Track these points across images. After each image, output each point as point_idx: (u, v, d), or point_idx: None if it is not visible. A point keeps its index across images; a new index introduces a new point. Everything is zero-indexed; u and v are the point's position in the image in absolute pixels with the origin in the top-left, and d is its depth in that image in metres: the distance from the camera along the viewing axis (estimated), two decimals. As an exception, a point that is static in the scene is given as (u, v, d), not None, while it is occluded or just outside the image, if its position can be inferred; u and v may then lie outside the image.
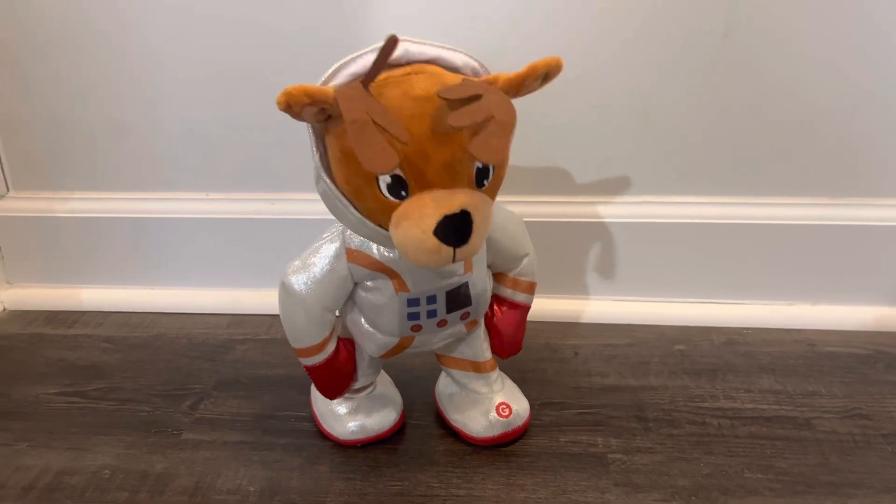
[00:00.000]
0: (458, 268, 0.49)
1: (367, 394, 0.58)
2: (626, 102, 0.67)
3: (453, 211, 0.41)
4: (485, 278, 0.53)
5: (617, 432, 0.59)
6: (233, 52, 0.68)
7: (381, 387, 0.60)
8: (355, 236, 0.48)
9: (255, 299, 0.77)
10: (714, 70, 0.65)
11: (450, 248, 0.41)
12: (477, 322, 0.55)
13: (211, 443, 0.59)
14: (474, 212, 0.41)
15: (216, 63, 0.69)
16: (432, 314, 0.50)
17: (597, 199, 0.72)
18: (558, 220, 0.72)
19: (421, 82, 0.42)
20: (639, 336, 0.72)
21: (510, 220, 0.54)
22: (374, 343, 0.53)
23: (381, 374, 0.60)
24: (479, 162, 0.42)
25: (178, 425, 0.61)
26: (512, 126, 0.41)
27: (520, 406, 0.58)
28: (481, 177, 0.43)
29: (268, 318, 0.76)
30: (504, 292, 0.57)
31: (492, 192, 0.45)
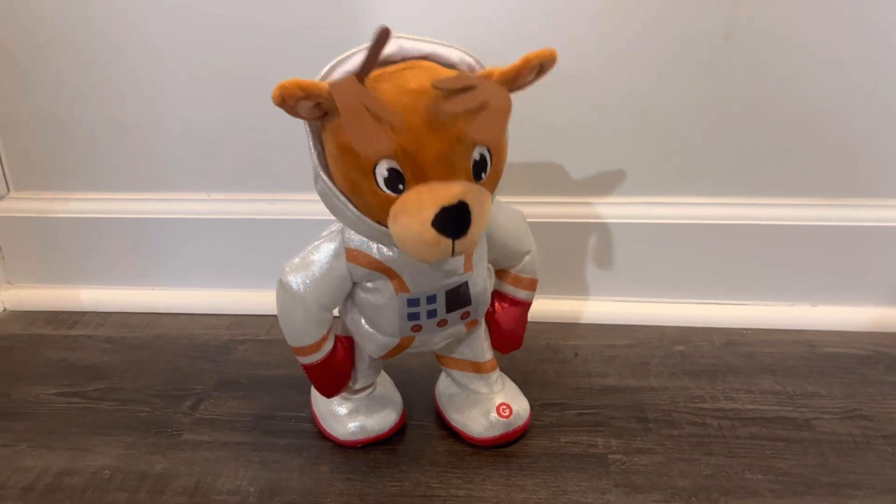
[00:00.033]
0: (458, 267, 0.49)
1: (367, 394, 0.58)
2: (626, 103, 0.67)
3: (451, 202, 0.40)
4: (485, 278, 0.53)
5: (617, 433, 0.59)
6: (233, 52, 0.68)
7: (381, 387, 0.60)
8: (355, 236, 0.48)
9: (256, 300, 0.77)
10: (714, 70, 0.65)
11: (449, 241, 0.41)
12: (477, 322, 0.55)
13: (211, 443, 0.59)
14: (472, 203, 0.41)
15: (216, 63, 0.69)
16: (432, 314, 0.50)
17: (597, 199, 0.72)
18: (558, 220, 0.72)
19: (415, 77, 0.42)
20: (639, 337, 0.72)
21: (512, 217, 0.54)
22: (374, 344, 0.53)
23: (381, 374, 0.60)
24: (476, 143, 0.42)
25: (179, 426, 0.61)
26: (507, 111, 0.40)
27: (520, 406, 0.58)
28: (479, 170, 0.43)
29: (268, 319, 0.76)
30: (506, 288, 0.56)
31: (490, 185, 0.45)
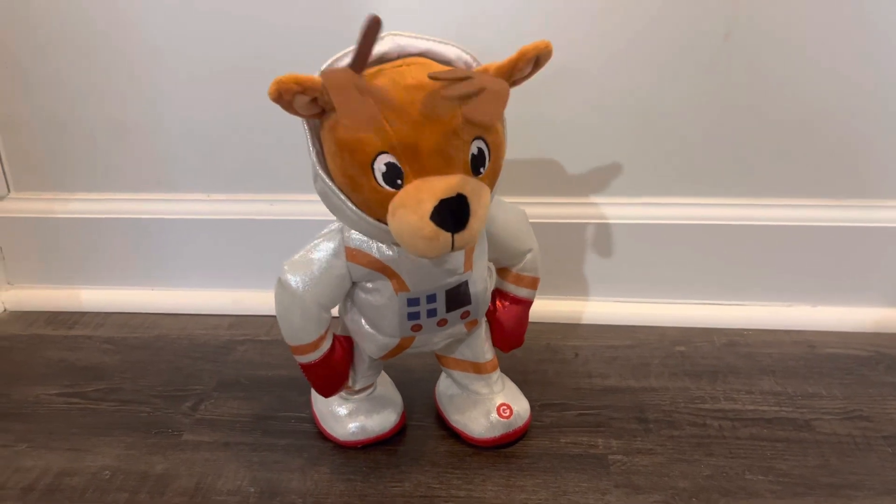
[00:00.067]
0: (458, 266, 0.49)
1: (367, 395, 0.58)
2: (626, 103, 0.67)
3: (449, 195, 0.40)
4: (485, 277, 0.52)
5: (617, 433, 0.59)
6: (234, 51, 0.69)
7: (381, 388, 0.60)
8: (354, 235, 0.48)
9: (256, 300, 0.77)
10: (714, 70, 0.65)
11: (448, 235, 0.41)
12: (477, 322, 0.54)
13: (211, 444, 0.59)
14: (471, 196, 0.41)
15: (216, 63, 0.69)
16: (432, 313, 0.50)
17: (597, 199, 0.72)
18: (558, 220, 0.72)
19: (412, 72, 0.42)
20: (639, 337, 0.72)
21: (512, 216, 0.54)
22: (374, 344, 0.53)
23: (381, 375, 0.60)
24: (474, 126, 0.42)
25: (179, 426, 0.61)
26: (504, 95, 0.40)
27: (520, 407, 0.58)
28: (477, 164, 0.43)
29: (268, 319, 0.76)
30: (507, 287, 0.56)
31: (489, 180, 0.45)
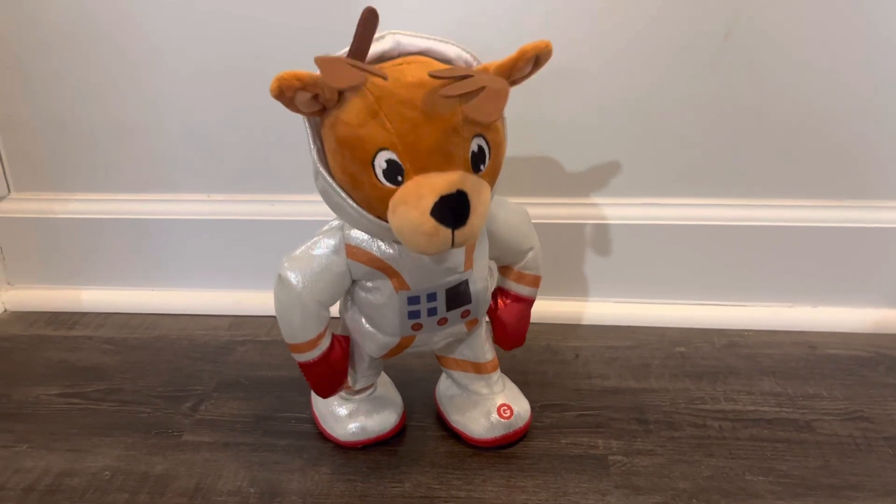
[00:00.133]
0: (459, 265, 0.49)
1: (367, 395, 0.58)
2: (626, 103, 0.67)
3: (449, 191, 0.40)
4: (485, 276, 0.52)
5: (618, 434, 0.58)
6: (234, 51, 0.69)
7: (381, 388, 0.60)
8: (355, 233, 0.48)
9: (256, 301, 0.77)
10: (715, 71, 0.65)
11: (448, 231, 0.41)
12: (477, 321, 0.54)
13: (211, 444, 0.59)
14: (471, 192, 0.41)
15: (217, 63, 0.69)
16: (432, 312, 0.50)
17: (597, 200, 0.72)
18: (559, 221, 0.72)
19: (412, 70, 0.43)
20: (640, 338, 0.72)
21: (514, 214, 0.54)
22: (374, 343, 0.53)
23: (381, 375, 0.60)
24: (474, 125, 0.42)
25: (179, 427, 0.61)
26: (504, 94, 0.41)
27: (521, 407, 0.58)
28: (477, 161, 0.43)
29: (269, 320, 0.76)
30: (509, 285, 0.56)
31: (490, 177, 0.45)
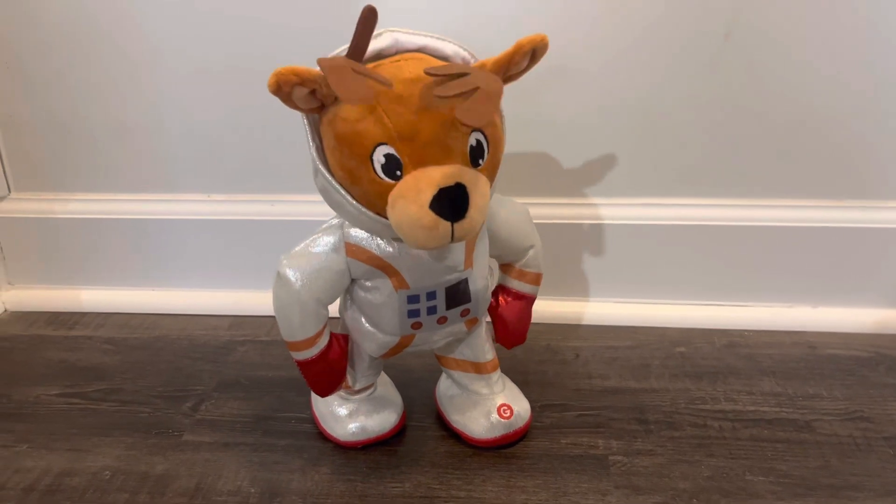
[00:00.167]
0: (459, 263, 0.49)
1: (367, 395, 0.58)
2: (626, 103, 0.67)
3: (448, 183, 0.40)
4: (485, 275, 0.52)
5: (618, 434, 0.58)
6: (234, 51, 0.69)
7: (381, 388, 0.60)
8: (355, 231, 0.48)
9: (256, 300, 0.77)
10: (715, 71, 0.65)
11: (447, 224, 0.41)
12: (477, 320, 0.54)
13: (211, 444, 0.59)
14: (469, 185, 0.41)
15: (217, 63, 0.69)
16: (432, 311, 0.50)
17: (597, 200, 0.72)
18: (559, 221, 0.72)
19: (409, 67, 0.43)
20: (640, 338, 0.72)
21: (514, 212, 0.54)
22: (374, 342, 0.53)
23: (381, 375, 0.60)
24: (467, 126, 0.42)
25: (179, 427, 0.61)
26: (498, 95, 0.41)
27: (521, 407, 0.58)
28: (476, 156, 0.43)
29: (268, 320, 0.76)
30: (510, 283, 0.56)
31: (488, 172, 0.45)
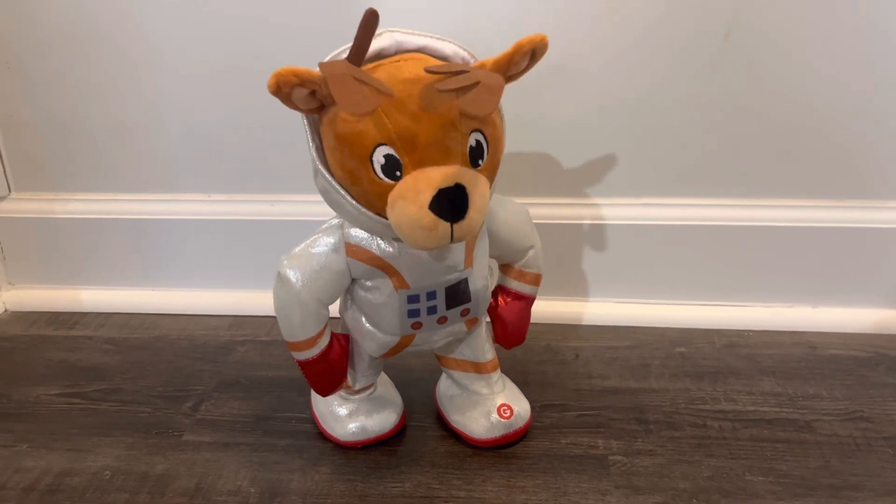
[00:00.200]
0: (458, 263, 0.49)
1: (367, 395, 0.58)
2: (626, 103, 0.67)
3: (447, 184, 0.40)
4: (485, 275, 0.52)
5: (618, 434, 0.58)
6: (234, 51, 0.69)
7: (381, 388, 0.60)
8: (355, 231, 0.48)
9: (256, 301, 0.77)
10: (715, 71, 0.65)
11: (447, 225, 0.41)
12: (477, 320, 0.54)
13: (211, 444, 0.59)
14: (469, 186, 0.41)
15: (217, 63, 0.69)
16: (432, 310, 0.50)
17: (597, 200, 0.72)
18: (559, 221, 0.72)
19: (409, 67, 0.43)
20: (640, 338, 0.72)
21: (514, 212, 0.54)
22: (374, 342, 0.53)
23: (381, 375, 0.60)
24: (470, 118, 0.42)
25: (179, 427, 0.61)
26: (499, 89, 0.41)
27: (521, 407, 0.58)
28: (475, 157, 0.43)
29: (269, 320, 0.76)
30: (510, 283, 0.56)
31: (488, 173, 0.45)
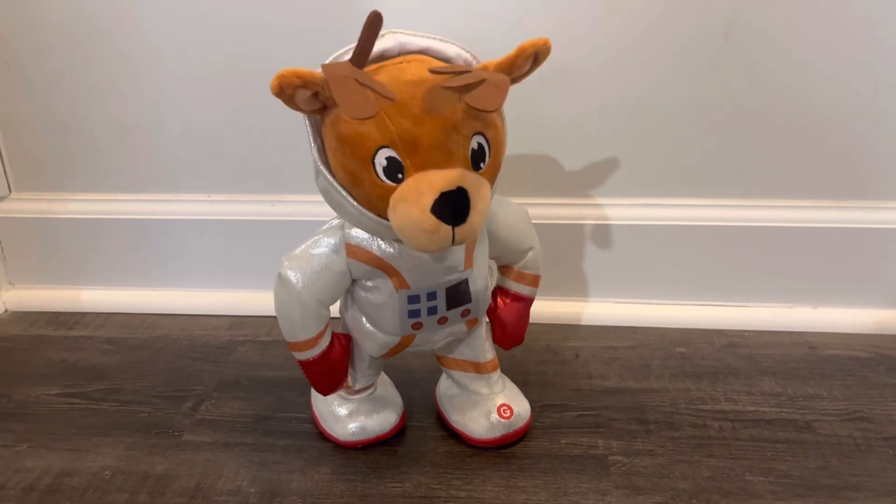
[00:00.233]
0: (459, 264, 0.49)
1: (367, 395, 0.58)
2: (626, 103, 0.67)
3: (449, 187, 0.40)
4: (485, 276, 0.52)
5: (618, 434, 0.59)
6: (234, 51, 0.69)
7: (381, 388, 0.60)
8: (355, 232, 0.48)
9: (256, 301, 0.77)
10: (715, 71, 0.65)
11: (448, 228, 0.41)
12: (477, 320, 0.55)
13: (211, 444, 0.59)
14: (471, 189, 0.41)
15: (217, 63, 0.69)
16: (433, 311, 0.50)
17: (597, 200, 0.72)
18: (559, 221, 0.72)
19: (412, 69, 0.43)
20: (640, 338, 0.72)
21: (514, 214, 0.54)
22: (375, 342, 0.53)
23: (381, 375, 0.60)
24: (477, 113, 0.42)
25: (179, 427, 0.61)
26: (505, 87, 0.41)
27: (521, 407, 0.58)
28: (477, 159, 0.43)
29: (269, 320, 0.76)
30: (509, 284, 0.56)
31: (489, 175, 0.45)
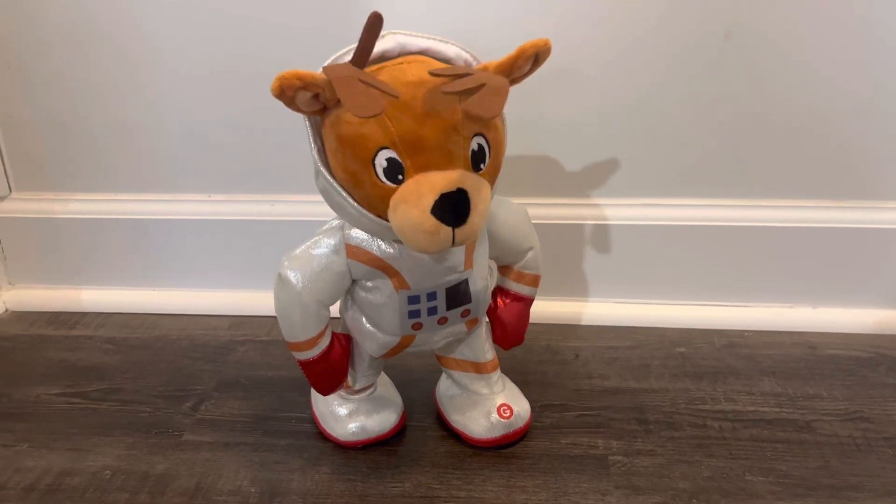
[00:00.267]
0: (459, 264, 0.49)
1: (367, 395, 0.58)
2: (626, 104, 0.67)
3: (450, 189, 0.40)
4: (485, 276, 0.52)
5: (618, 434, 0.59)
6: (234, 51, 0.69)
7: (381, 388, 0.60)
8: (355, 233, 0.48)
9: (257, 301, 0.77)
10: (715, 72, 0.65)
11: (449, 229, 0.41)
12: (477, 321, 0.55)
13: (212, 444, 0.59)
14: (471, 190, 0.41)
15: (217, 63, 0.69)
16: (433, 311, 0.50)
17: (597, 200, 0.72)
18: (559, 221, 0.72)
19: (412, 70, 0.43)
20: (640, 338, 0.72)
21: (514, 214, 0.54)
22: (375, 342, 0.53)
23: (381, 375, 0.60)
24: (476, 120, 0.42)
25: (179, 426, 0.61)
26: (504, 91, 0.41)
27: (521, 407, 0.58)
28: (477, 160, 0.43)
29: (269, 320, 0.76)
30: (509, 284, 0.56)
31: (490, 176, 0.45)
